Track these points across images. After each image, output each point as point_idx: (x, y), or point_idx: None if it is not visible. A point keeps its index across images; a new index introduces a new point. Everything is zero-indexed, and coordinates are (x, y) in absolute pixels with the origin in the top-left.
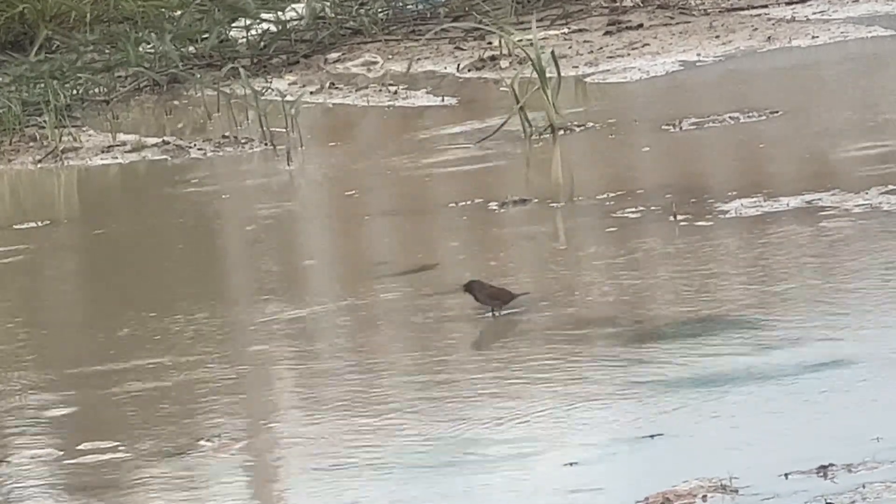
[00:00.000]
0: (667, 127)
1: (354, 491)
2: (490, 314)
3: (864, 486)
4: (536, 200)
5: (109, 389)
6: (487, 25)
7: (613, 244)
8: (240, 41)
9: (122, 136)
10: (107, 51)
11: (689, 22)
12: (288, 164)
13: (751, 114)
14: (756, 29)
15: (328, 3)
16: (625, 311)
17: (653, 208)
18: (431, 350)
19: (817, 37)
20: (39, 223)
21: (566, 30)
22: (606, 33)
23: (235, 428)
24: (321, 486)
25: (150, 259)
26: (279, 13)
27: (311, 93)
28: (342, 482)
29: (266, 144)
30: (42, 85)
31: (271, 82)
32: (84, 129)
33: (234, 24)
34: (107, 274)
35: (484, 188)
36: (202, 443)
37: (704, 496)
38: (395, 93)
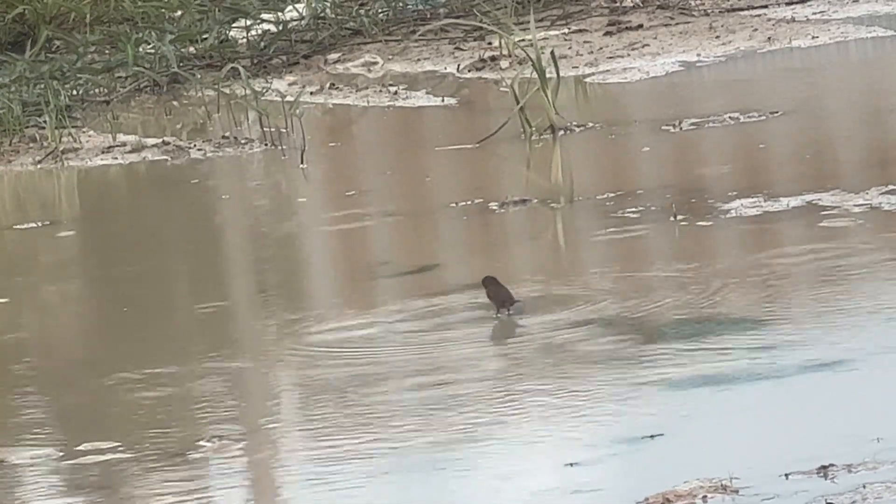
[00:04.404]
0: (667, 127)
1: (353, 492)
2: (495, 315)
3: (864, 487)
4: (537, 200)
5: (109, 390)
6: (488, 25)
7: (613, 244)
8: (240, 41)
9: (122, 137)
10: (107, 51)
11: (689, 22)
12: (301, 163)
13: (751, 114)
14: (756, 29)
15: (328, 4)
16: (625, 312)
17: (653, 208)
18: (431, 350)
19: (817, 37)
20: (40, 224)
21: (566, 30)
22: (606, 34)
23: (235, 429)
24: (320, 487)
25: (150, 259)
26: (279, 13)
27: (311, 93)
28: (341, 484)
29: (266, 145)
30: (42, 85)
31: (271, 83)
32: (84, 129)
33: (234, 25)
34: (107, 275)
35: (484, 188)
36: (202, 444)
37: (704, 497)
38: (395, 93)
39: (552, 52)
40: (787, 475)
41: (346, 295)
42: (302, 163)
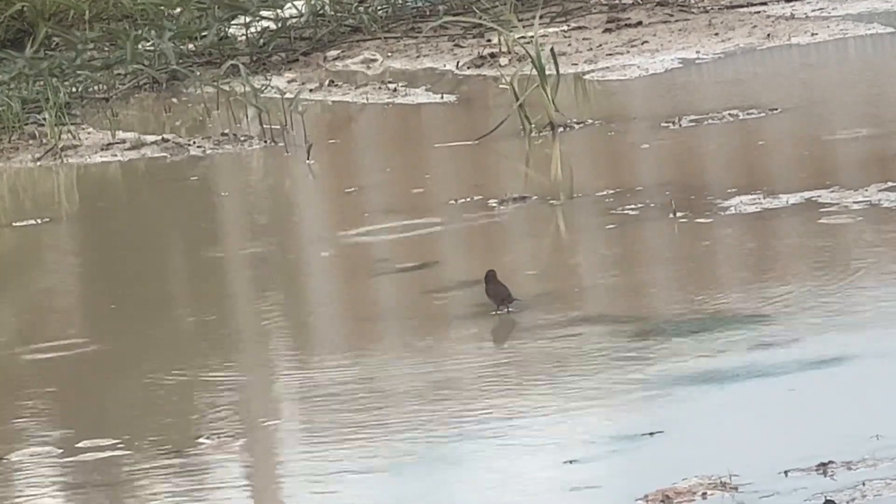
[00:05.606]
0: (666, 124)
1: (353, 489)
2: (494, 312)
3: (863, 484)
4: (536, 197)
5: (108, 387)
6: (487, 22)
7: (613, 241)
8: (239, 39)
9: (121, 134)
10: (106, 48)
11: (689, 19)
12: (308, 159)
13: (750, 111)
14: (755, 26)
15: (328, 1)
16: (624, 309)
17: (652, 205)
18: (431, 347)
19: (816, 34)
20: (39, 221)
21: (565, 27)
22: (606, 31)
23: (235, 426)
24: (320, 484)
25: (150, 257)
26: (279, 11)
27: (311, 90)
28: (340, 480)
29: (266, 142)
30: (41, 83)
31: (270, 80)
32: (83, 126)
33: (233, 22)
34: (106, 272)
35: (483, 185)
36: (202, 441)
37: (704, 494)
38: (395, 90)
39: (551, 49)
40: (786, 472)
41: (346, 292)
42: (308, 158)
